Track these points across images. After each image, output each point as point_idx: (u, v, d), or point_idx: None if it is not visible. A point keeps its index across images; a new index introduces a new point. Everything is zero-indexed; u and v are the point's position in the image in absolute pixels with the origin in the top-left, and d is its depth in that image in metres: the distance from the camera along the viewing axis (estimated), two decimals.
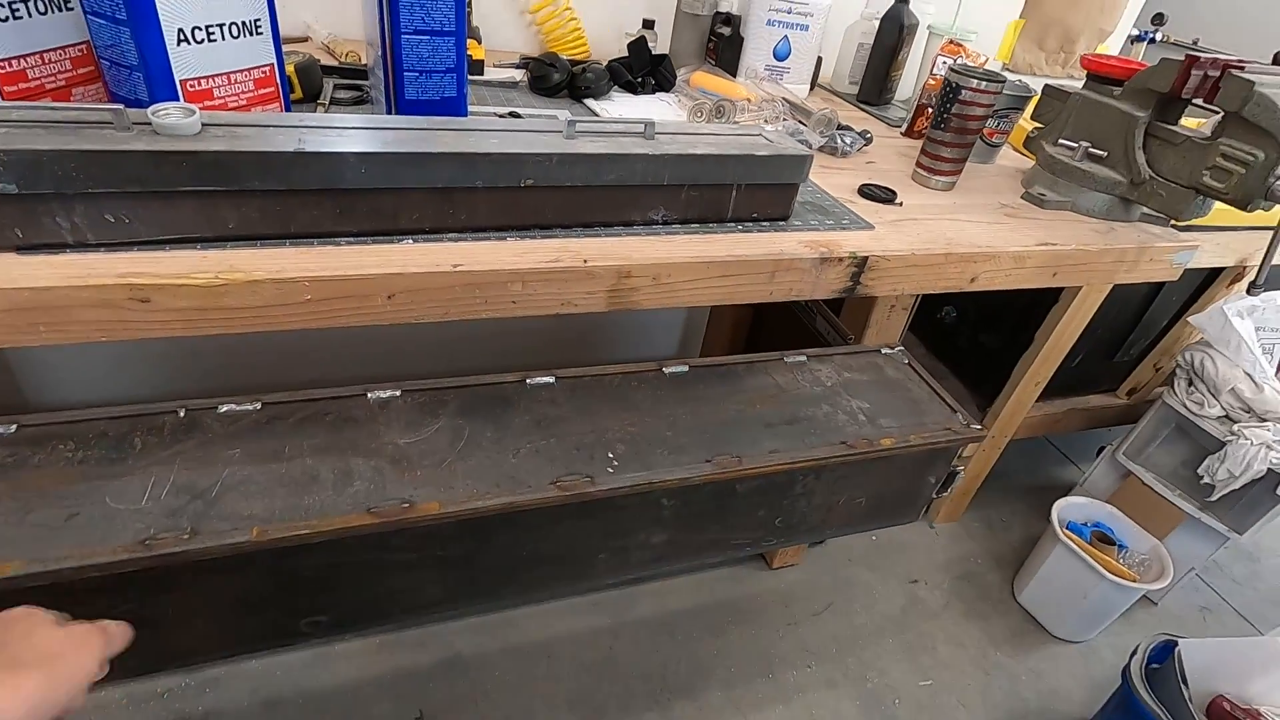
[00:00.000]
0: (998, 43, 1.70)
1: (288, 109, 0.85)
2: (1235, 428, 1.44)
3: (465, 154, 0.69)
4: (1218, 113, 0.98)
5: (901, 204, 1.01)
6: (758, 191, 0.85)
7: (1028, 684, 1.48)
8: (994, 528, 1.82)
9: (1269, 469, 1.39)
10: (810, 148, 1.11)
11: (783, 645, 1.45)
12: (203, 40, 0.72)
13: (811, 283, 0.85)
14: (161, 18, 0.68)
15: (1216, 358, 1.48)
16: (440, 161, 0.69)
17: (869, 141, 1.20)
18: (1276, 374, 1.46)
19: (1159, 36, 1.99)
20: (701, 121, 1.14)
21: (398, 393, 0.72)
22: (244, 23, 0.75)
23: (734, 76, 1.36)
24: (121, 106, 0.61)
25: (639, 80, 1.24)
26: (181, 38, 0.70)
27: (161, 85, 0.70)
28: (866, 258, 0.86)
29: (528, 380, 0.76)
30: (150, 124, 0.61)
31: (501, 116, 1.02)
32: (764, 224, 0.88)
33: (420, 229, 0.73)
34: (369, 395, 0.71)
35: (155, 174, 0.60)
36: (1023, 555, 1.71)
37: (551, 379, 0.76)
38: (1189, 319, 1.55)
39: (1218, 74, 0.93)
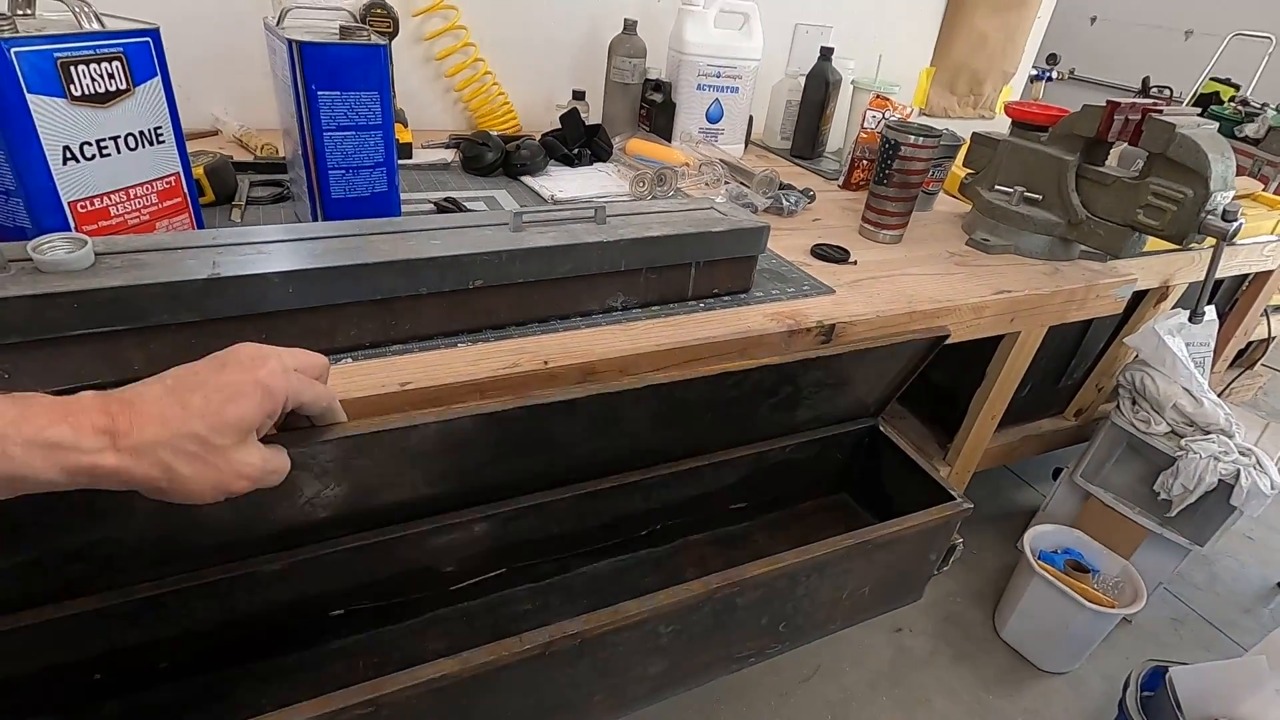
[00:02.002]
0: (913, 89, 1.77)
1: (198, 219, 0.77)
2: (1183, 442, 1.47)
3: (406, 260, 0.63)
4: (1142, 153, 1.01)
5: (855, 262, 1.00)
6: (717, 267, 0.82)
7: None
8: (967, 562, 1.81)
9: (1219, 480, 1.43)
10: (756, 210, 1.10)
11: None
12: (94, 156, 0.64)
13: (781, 356, 0.82)
14: (42, 135, 0.60)
15: (1155, 375, 1.53)
16: (378, 271, 0.62)
17: (812, 199, 1.20)
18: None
19: (1054, 74, 2.12)
20: (644, 191, 1.12)
21: None
22: (142, 132, 0.68)
23: (669, 141, 1.35)
24: None
25: (575, 152, 1.21)
26: (68, 155, 0.62)
27: (46, 211, 0.62)
28: (834, 325, 0.83)
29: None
30: (31, 260, 0.53)
31: (438, 204, 0.96)
32: (726, 299, 0.85)
33: (360, 345, 0.66)
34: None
35: (40, 321, 0.51)
36: (999, 586, 1.70)
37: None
38: (1124, 340, 1.60)
39: (1139, 118, 0.96)
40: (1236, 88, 4.21)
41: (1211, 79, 4.15)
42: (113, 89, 0.64)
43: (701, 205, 0.86)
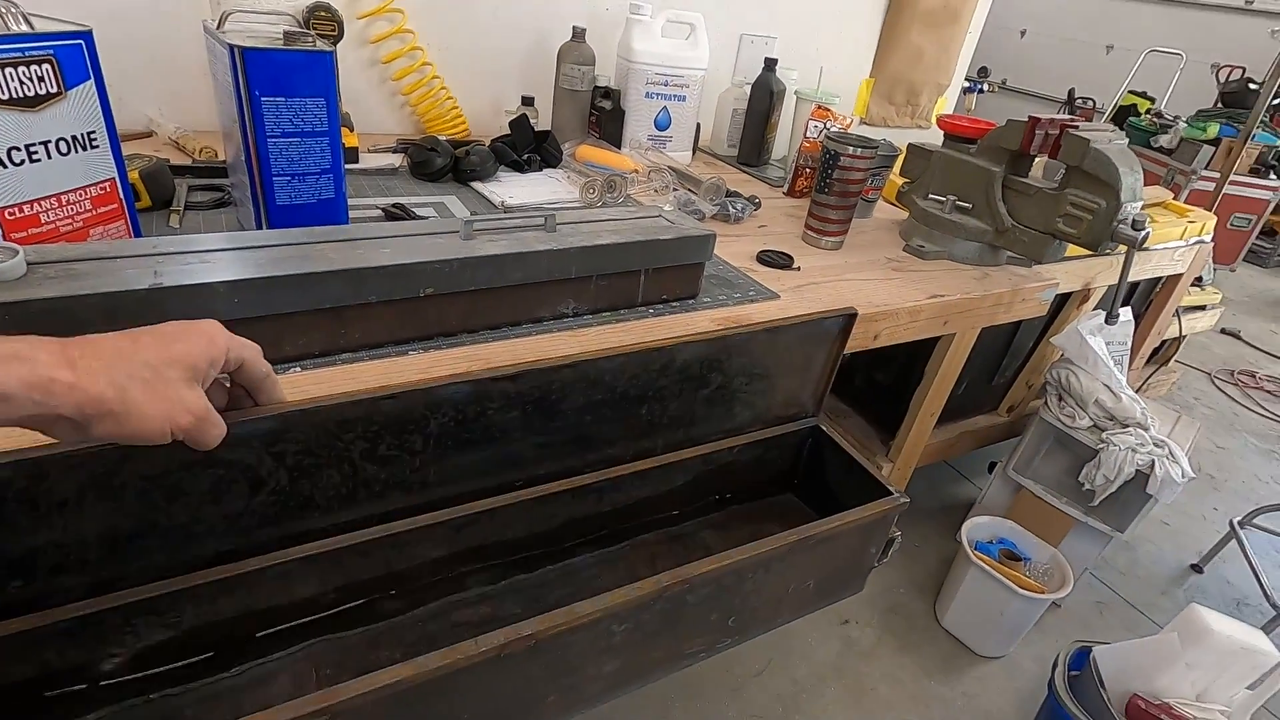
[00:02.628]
0: (854, 99, 1.83)
1: (135, 226, 0.75)
2: (1104, 435, 1.57)
3: (355, 269, 0.63)
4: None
5: (799, 268, 1.04)
6: (666, 273, 0.84)
7: (963, 708, 1.51)
8: (909, 555, 1.88)
9: (1136, 470, 1.52)
10: (704, 216, 1.13)
11: (729, 714, 1.41)
12: (23, 161, 0.62)
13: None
14: None
15: (1079, 373, 1.62)
16: (327, 281, 0.62)
17: (758, 206, 1.23)
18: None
19: (985, 87, 2.22)
20: (594, 197, 1.13)
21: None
22: (75, 137, 0.66)
23: (618, 148, 1.36)
24: None
25: (525, 158, 1.21)
26: None
27: None
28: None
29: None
30: None
31: (386, 211, 0.96)
32: (674, 304, 0.87)
33: (309, 353, 0.66)
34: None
35: None
36: (940, 578, 1.77)
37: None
38: (1050, 340, 1.70)
39: (1057, 133, 1.03)
40: (1152, 100, 4.47)
41: (1130, 91, 4.39)
42: (43, 92, 0.62)
43: (650, 213, 0.88)
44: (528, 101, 1.32)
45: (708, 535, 0.83)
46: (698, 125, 1.50)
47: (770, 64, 1.45)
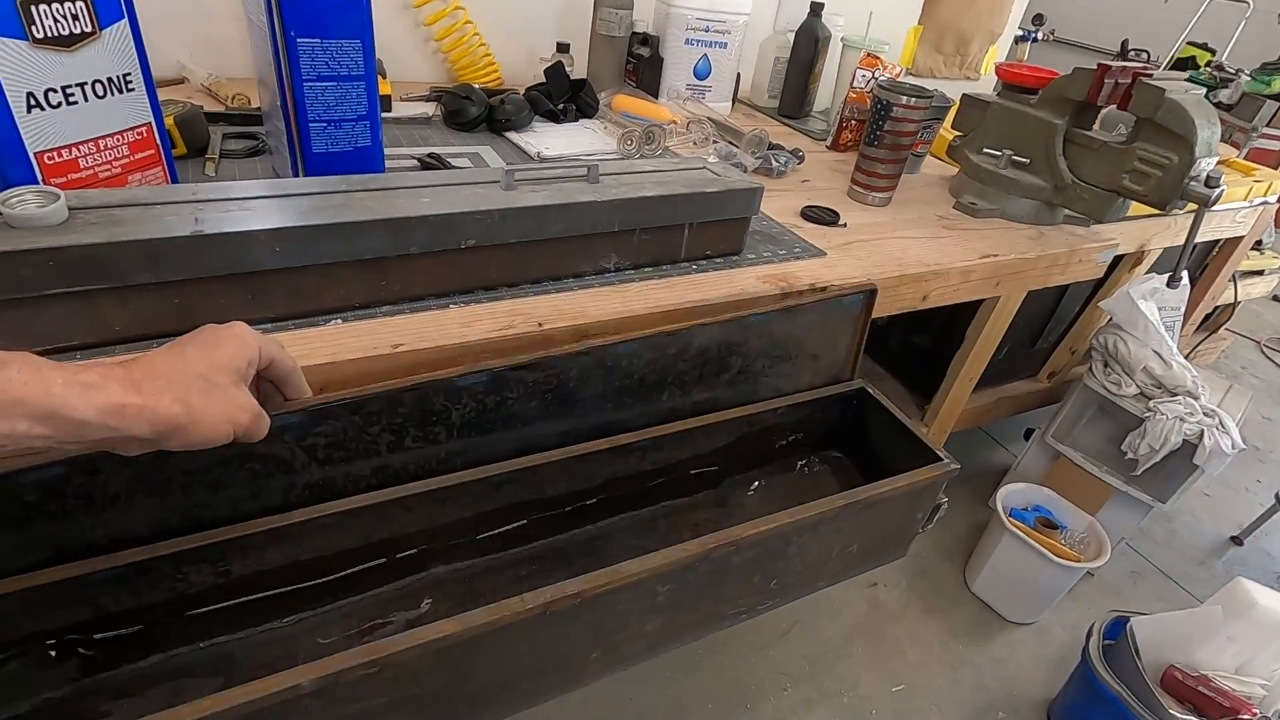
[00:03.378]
0: (900, 48, 1.74)
1: (172, 172, 0.73)
2: (1151, 404, 1.52)
3: (396, 219, 0.61)
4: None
5: (845, 225, 1.00)
6: (710, 228, 0.81)
7: (991, 673, 1.51)
8: (939, 519, 1.87)
9: (1184, 440, 1.48)
10: (746, 170, 1.09)
11: (757, 672, 1.42)
12: (60, 104, 0.60)
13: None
14: (3, 80, 0.56)
15: (1127, 339, 1.56)
16: (368, 230, 0.61)
17: (801, 160, 1.18)
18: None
19: (1040, 35, 2.11)
20: (632, 149, 1.09)
21: None
22: (111, 79, 0.64)
23: (656, 98, 1.32)
24: None
25: (560, 108, 1.18)
26: (33, 102, 0.59)
27: (11, 161, 0.58)
28: (826, 288, 0.83)
29: None
30: (1, 215, 0.50)
31: (422, 160, 0.93)
32: (718, 261, 0.84)
33: (349, 305, 0.64)
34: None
35: (12, 279, 0.49)
36: (969, 544, 1.75)
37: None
38: (1099, 304, 1.64)
39: (1129, 82, 0.96)
40: (1213, 52, 4.23)
41: (1188, 43, 4.15)
42: (77, 31, 0.60)
43: (694, 165, 0.84)
44: (563, 48, 1.27)
45: (747, 496, 0.82)
46: (738, 75, 1.44)
47: (816, 9, 1.37)
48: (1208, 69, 3.88)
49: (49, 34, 0.58)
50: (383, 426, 0.60)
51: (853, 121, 1.29)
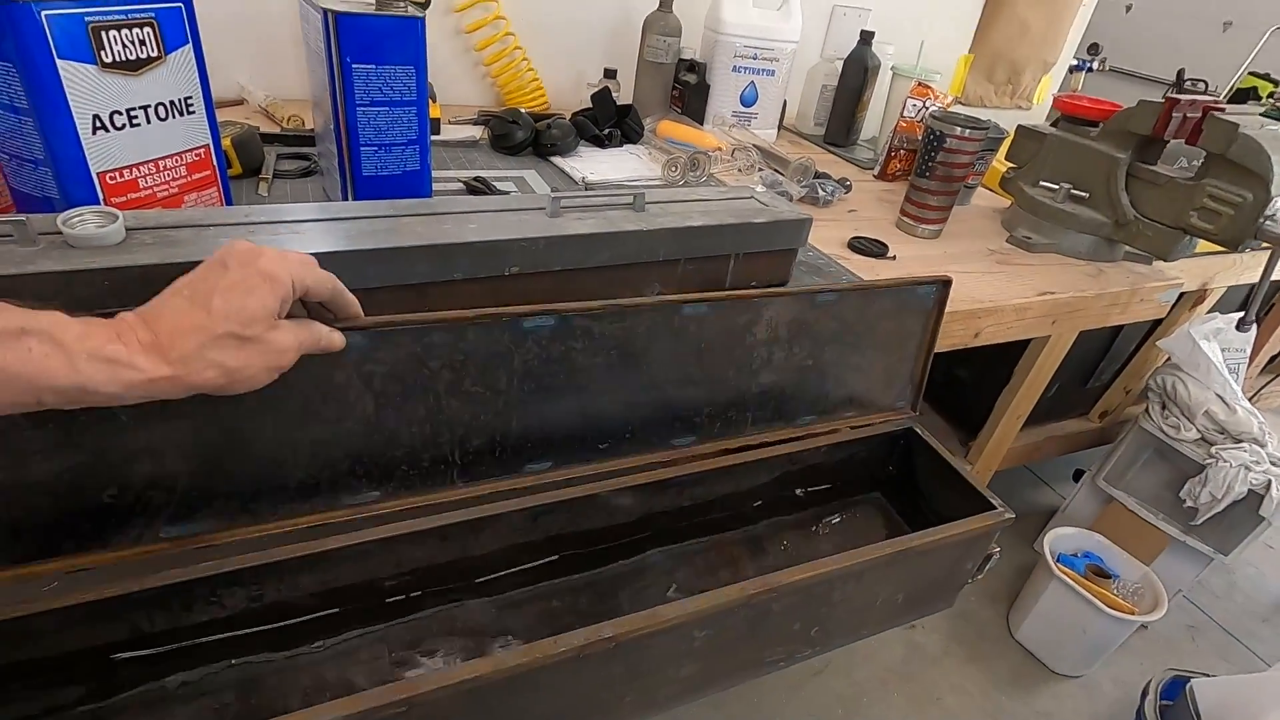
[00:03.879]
0: (949, 77, 1.71)
1: (227, 193, 0.75)
2: (1213, 450, 1.44)
3: (442, 245, 0.61)
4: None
5: (894, 257, 0.97)
6: (757, 259, 0.79)
7: None
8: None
9: (1249, 490, 1.40)
10: (791, 198, 1.07)
11: (788, 711, 1.38)
12: (124, 126, 0.62)
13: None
14: (72, 103, 0.58)
15: (1188, 381, 1.49)
16: (414, 255, 0.60)
17: (848, 189, 1.16)
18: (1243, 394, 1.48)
19: (1095, 65, 2.06)
20: (676, 176, 1.09)
21: None
22: (173, 102, 0.66)
23: (701, 124, 1.31)
24: (25, 217, 0.51)
25: (605, 133, 1.18)
26: (98, 125, 0.60)
27: (75, 181, 0.60)
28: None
29: None
30: (61, 234, 0.51)
31: (468, 184, 0.94)
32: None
33: None
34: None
35: (70, 297, 0.50)
36: (1014, 587, 1.68)
37: None
38: (1157, 343, 1.57)
39: (1199, 115, 0.92)
40: (1276, 84, 4.09)
41: (1250, 73, 4.03)
42: (144, 56, 0.62)
43: (741, 194, 0.83)
44: (610, 74, 1.27)
45: (790, 536, 0.79)
46: (784, 102, 1.43)
47: (867, 37, 1.36)
48: (1271, 100, 3.75)
49: (117, 59, 0.59)
50: (444, 362, 0.58)
51: (902, 151, 1.27)
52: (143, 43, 0.61)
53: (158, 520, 0.54)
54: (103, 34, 0.58)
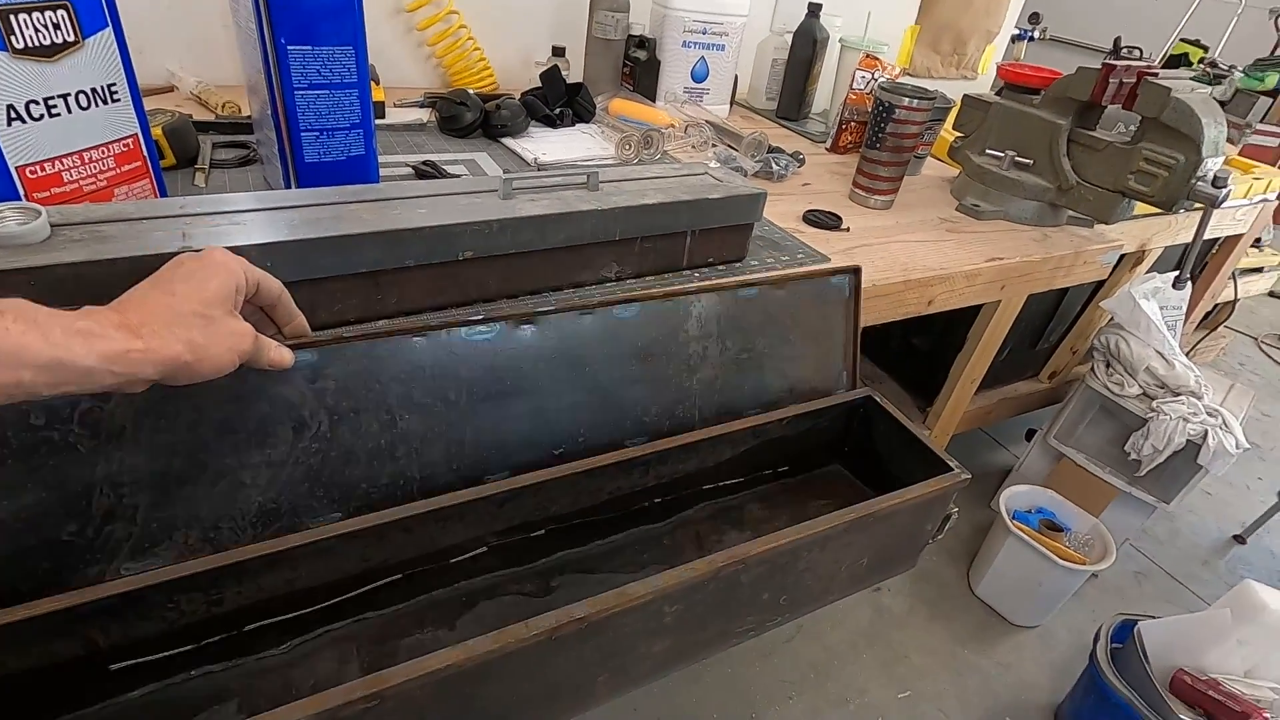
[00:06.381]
0: (897, 48, 1.73)
1: (160, 184, 0.71)
2: (1154, 404, 1.51)
3: (392, 231, 0.59)
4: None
5: (848, 229, 0.98)
6: (713, 235, 0.80)
7: (997, 678, 1.50)
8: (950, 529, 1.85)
9: (1188, 440, 1.47)
10: (746, 174, 1.07)
11: (762, 680, 1.41)
12: (41, 116, 0.58)
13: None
14: None
15: (1129, 339, 1.55)
16: (363, 243, 0.59)
17: (802, 163, 1.17)
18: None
19: (1036, 34, 2.10)
20: (630, 154, 1.08)
21: None
22: (95, 89, 0.62)
23: (653, 101, 1.30)
24: None
25: (557, 112, 1.16)
26: (13, 115, 0.57)
27: None
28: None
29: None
30: None
31: (417, 169, 0.92)
32: (720, 268, 0.83)
33: (344, 320, 0.62)
34: None
35: None
36: (972, 546, 1.74)
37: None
38: (1100, 304, 1.62)
39: (1134, 81, 0.95)
40: (1205, 49, 4.23)
41: (1181, 40, 4.16)
42: (59, 40, 0.58)
43: (696, 171, 0.83)
44: (559, 52, 1.25)
45: (755, 509, 0.80)
46: (735, 77, 1.42)
47: (814, 9, 1.36)
48: (1201, 66, 3.88)
49: (29, 44, 0.56)
50: (393, 375, 0.58)
51: (852, 123, 1.28)
52: (57, 26, 0.58)
53: (118, 556, 0.53)
54: (12, 18, 0.54)
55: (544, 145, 1.07)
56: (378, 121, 1.05)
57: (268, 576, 0.56)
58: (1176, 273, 1.20)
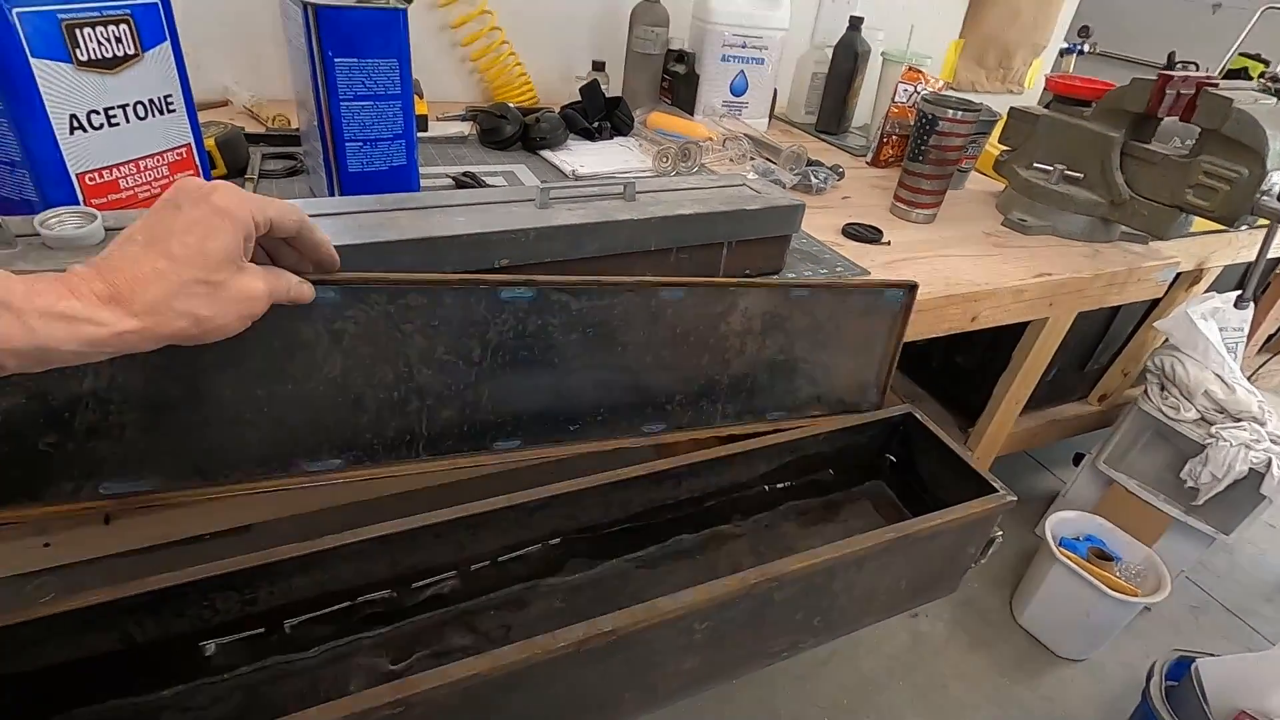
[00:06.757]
0: (939, 62, 1.70)
1: None
2: (1213, 430, 1.44)
3: (430, 239, 0.60)
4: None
5: (889, 243, 0.96)
6: (750, 247, 0.78)
7: (1041, 712, 1.43)
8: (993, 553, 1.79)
9: (1250, 469, 1.39)
10: (784, 187, 1.06)
11: (794, 704, 1.37)
12: (102, 125, 0.61)
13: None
14: (47, 102, 0.57)
15: (1186, 361, 1.49)
16: (401, 250, 0.59)
17: (841, 176, 1.15)
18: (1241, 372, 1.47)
19: (1086, 48, 2.05)
20: (668, 166, 1.08)
21: None
22: (152, 100, 0.64)
23: (692, 115, 1.30)
24: (2, 219, 0.49)
25: (595, 126, 1.17)
26: (75, 124, 0.59)
27: (53, 183, 0.59)
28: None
29: None
30: (39, 235, 0.50)
31: (456, 179, 0.93)
32: (757, 280, 0.81)
33: None
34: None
35: None
36: (1016, 572, 1.68)
37: None
38: (1155, 324, 1.56)
39: (1192, 92, 0.92)
40: (1266, 63, 4.08)
41: (1240, 54, 4.01)
42: (120, 54, 0.61)
43: (733, 182, 0.82)
44: (598, 66, 1.26)
45: (790, 525, 0.78)
46: (774, 91, 1.42)
47: (855, 23, 1.35)
48: (1261, 79, 3.74)
49: (92, 57, 0.58)
50: (418, 326, 0.56)
51: (894, 137, 1.26)
52: (119, 40, 0.60)
53: (99, 474, 0.51)
54: (77, 32, 0.57)
55: (582, 157, 1.08)
56: (420, 134, 1.07)
57: (299, 579, 0.56)
58: (1238, 292, 1.15)
